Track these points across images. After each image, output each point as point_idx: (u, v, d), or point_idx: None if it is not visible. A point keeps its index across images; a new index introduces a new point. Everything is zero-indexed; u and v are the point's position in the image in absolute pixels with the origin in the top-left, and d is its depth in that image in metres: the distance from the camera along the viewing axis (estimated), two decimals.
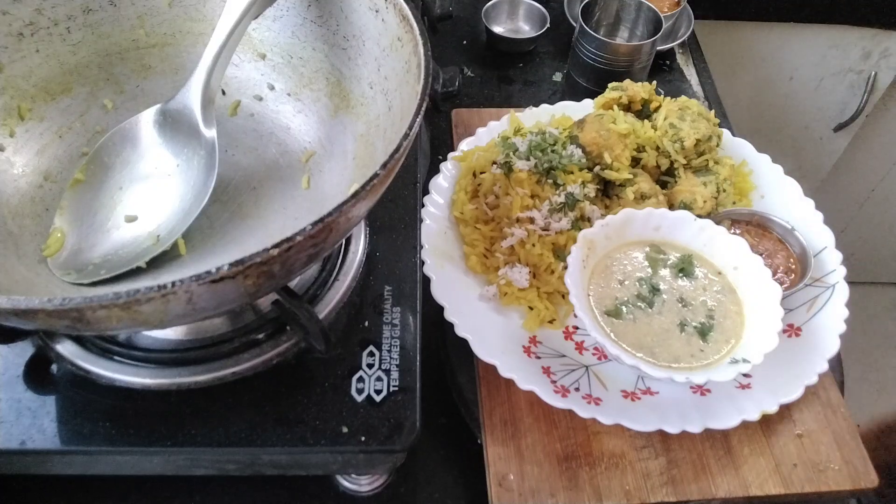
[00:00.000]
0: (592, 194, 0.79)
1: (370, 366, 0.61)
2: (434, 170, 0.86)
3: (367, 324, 0.64)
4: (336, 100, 0.67)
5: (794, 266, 0.77)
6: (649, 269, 0.73)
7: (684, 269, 0.73)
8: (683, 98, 0.85)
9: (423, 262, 0.73)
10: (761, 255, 0.75)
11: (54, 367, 0.59)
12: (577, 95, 0.96)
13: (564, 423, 0.68)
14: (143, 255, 0.59)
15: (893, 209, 1.80)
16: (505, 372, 0.66)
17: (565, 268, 0.69)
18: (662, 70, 1.13)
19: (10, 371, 0.58)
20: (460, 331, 0.69)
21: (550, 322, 0.74)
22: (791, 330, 0.73)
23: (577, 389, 0.68)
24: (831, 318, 0.73)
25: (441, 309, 0.71)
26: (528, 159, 0.79)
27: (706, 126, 0.82)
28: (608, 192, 0.82)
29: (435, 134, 0.99)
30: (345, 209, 0.43)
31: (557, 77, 1.12)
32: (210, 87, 0.62)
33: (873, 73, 1.46)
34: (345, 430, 0.56)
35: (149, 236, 0.60)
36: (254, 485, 0.67)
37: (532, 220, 0.77)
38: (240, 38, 0.62)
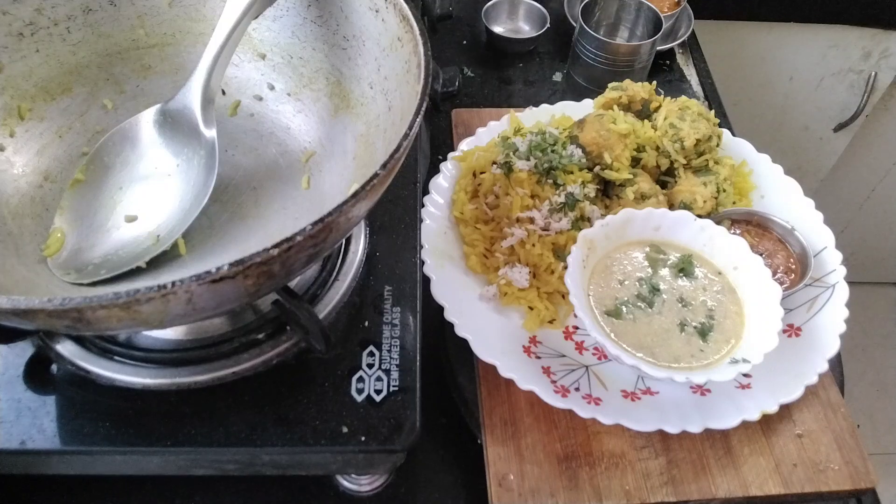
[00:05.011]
0: (592, 194, 0.79)
1: (370, 366, 0.60)
2: (434, 170, 0.86)
3: (367, 324, 0.64)
4: (336, 100, 0.67)
5: (794, 266, 0.77)
6: (649, 269, 0.73)
7: (684, 269, 0.73)
8: (683, 98, 0.85)
9: (423, 262, 0.73)
10: (761, 255, 0.75)
11: (54, 367, 0.59)
12: (577, 95, 0.95)
13: (564, 423, 0.68)
14: (143, 255, 0.59)
15: (893, 209, 1.80)
16: (505, 372, 0.66)
17: (565, 268, 0.69)
18: (662, 70, 1.13)
19: (10, 371, 0.58)
20: (460, 331, 0.69)
21: (550, 322, 0.74)
22: (791, 330, 0.73)
23: (577, 389, 0.68)
24: (831, 318, 0.73)
25: (441, 309, 0.71)
26: (528, 159, 0.79)
27: (706, 126, 0.82)
28: (608, 192, 0.82)
29: (435, 134, 0.99)
30: (345, 209, 0.43)
31: (557, 77, 1.12)
32: (210, 87, 0.62)
33: (873, 73, 1.46)
34: (345, 430, 0.56)
35: (149, 236, 0.60)
36: (254, 485, 0.67)
37: (532, 220, 0.77)
38: (240, 38, 0.62)
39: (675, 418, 0.65)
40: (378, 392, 0.59)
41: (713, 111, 0.87)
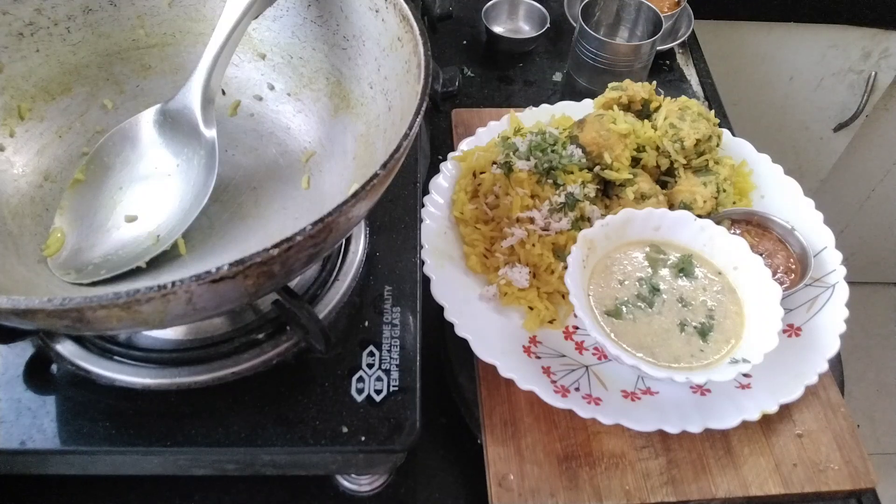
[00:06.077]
0: (592, 194, 0.79)
1: (370, 366, 0.60)
2: (434, 170, 0.86)
3: (367, 324, 0.64)
4: (336, 100, 0.67)
5: (794, 266, 0.77)
6: (649, 269, 0.73)
7: (684, 269, 0.73)
8: (683, 98, 0.85)
9: (423, 262, 0.73)
10: (761, 255, 0.75)
11: (54, 367, 0.59)
12: (577, 95, 0.95)
13: (564, 423, 0.68)
14: (143, 255, 0.59)
15: (893, 209, 1.80)
16: (505, 372, 0.66)
17: (565, 268, 0.69)
18: (662, 70, 1.13)
19: (10, 371, 0.58)
20: (460, 331, 0.69)
21: (550, 322, 0.74)
22: (791, 330, 0.73)
23: (577, 389, 0.68)
24: (831, 318, 0.73)
25: (441, 309, 0.71)
26: (528, 159, 0.79)
27: (706, 126, 0.82)
28: (608, 192, 0.82)
29: (435, 134, 0.99)
30: (345, 209, 0.43)
31: (557, 77, 1.12)
32: (210, 87, 0.62)
33: (873, 73, 1.46)
34: (345, 430, 0.56)
35: (149, 236, 0.60)
36: (254, 485, 0.67)
37: (532, 220, 0.77)
38: (240, 38, 0.62)
39: (675, 418, 0.65)
40: (378, 392, 0.59)
41: (713, 111, 0.87)
